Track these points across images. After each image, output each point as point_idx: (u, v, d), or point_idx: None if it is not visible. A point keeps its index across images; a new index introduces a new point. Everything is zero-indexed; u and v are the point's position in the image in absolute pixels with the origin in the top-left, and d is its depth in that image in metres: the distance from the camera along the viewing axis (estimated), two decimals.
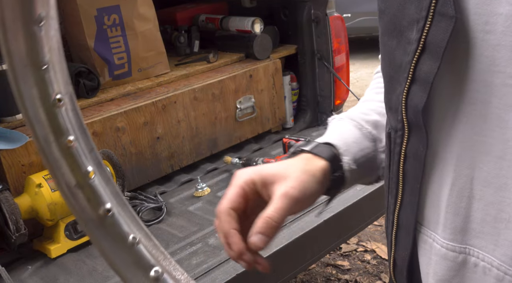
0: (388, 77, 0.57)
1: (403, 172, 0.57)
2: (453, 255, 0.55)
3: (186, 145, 1.89)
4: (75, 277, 1.38)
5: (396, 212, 0.60)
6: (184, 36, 2.22)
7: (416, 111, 0.51)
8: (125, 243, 0.33)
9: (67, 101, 0.30)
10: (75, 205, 0.33)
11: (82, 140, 0.31)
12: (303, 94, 2.32)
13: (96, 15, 1.83)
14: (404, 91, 0.52)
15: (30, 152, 1.51)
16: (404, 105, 0.53)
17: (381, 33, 0.57)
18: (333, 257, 2.53)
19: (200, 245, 1.46)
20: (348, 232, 1.73)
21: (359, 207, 1.67)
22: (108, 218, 0.33)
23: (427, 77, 0.49)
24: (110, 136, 1.68)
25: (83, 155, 0.31)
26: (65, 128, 0.30)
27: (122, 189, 1.58)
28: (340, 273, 2.42)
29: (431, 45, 0.48)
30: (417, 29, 0.50)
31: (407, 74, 0.51)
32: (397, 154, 0.56)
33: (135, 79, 1.95)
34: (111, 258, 0.33)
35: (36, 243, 1.51)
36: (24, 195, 1.44)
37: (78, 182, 0.32)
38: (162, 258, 0.35)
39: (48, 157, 0.31)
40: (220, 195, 1.74)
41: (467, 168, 0.51)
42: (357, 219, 1.73)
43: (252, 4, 2.31)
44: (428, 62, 0.49)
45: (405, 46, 0.52)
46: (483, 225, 0.52)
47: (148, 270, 0.34)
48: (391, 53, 0.54)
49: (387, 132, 0.58)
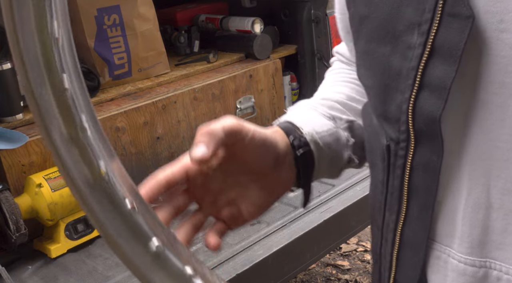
0: (382, 86, 0.52)
1: (408, 186, 0.52)
2: (472, 270, 0.51)
3: (186, 145, 1.89)
4: (75, 277, 1.38)
5: (398, 229, 0.55)
6: (184, 36, 2.22)
7: (430, 120, 0.48)
8: (122, 210, 0.29)
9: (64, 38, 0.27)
10: (69, 162, 0.29)
11: (76, 85, 0.28)
12: (303, 94, 2.32)
13: (96, 15, 1.83)
14: (411, 100, 0.48)
15: (30, 152, 1.51)
16: (411, 114, 0.49)
17: (366, 40, 0.53)
18: (333, 257, 2.53)
19: (200, 245, 1.46)
20: (348, 232, 1.73)
21: (359, 207, 1.67)
22: (103, 180, 0.29)
23: (442, 82, 0.46)
24: (110, 136, 1.68)
25: (77, 104, 0.28)
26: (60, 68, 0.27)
27: None
28: (340, 273, 2.42)
29: (443, 49, 0.46)
30: (419, 33, 0.47)
31: (413, 81, 0.48)
32: (400, 167, 0.52)
33: (135, 79, 1.95)
34: (106, 228, 0.30)
35: (36, 243, 1.51)
36: (24, 195, 1.44)
37: (71, 135, 0.28)
38: (161, 230, 0.31)
39: (40, 104, 0.27)
40: None
41: (483, 176, 0.48)
42: (357, 219, 1.73)
43: (252, 4, 2.31)
44: (440, 66, 0.46)
45: (405, 51, 0.48)
46: (504, 236, 0.49)
47: (147, 242, 0.30)
48: (384, 61, 0.51)
49: (386, 145, 0.54)
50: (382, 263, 0.60)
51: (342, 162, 0.65)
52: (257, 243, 1.44)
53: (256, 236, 1.47)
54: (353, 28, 0.57)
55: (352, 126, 0.66)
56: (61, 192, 1.43)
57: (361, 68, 0.57)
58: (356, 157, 0.65)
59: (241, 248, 1.42)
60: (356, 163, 0.65)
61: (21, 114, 1.62)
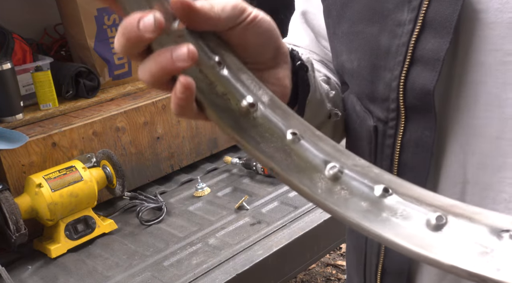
0: (369, 67, 0.53)
1: (398, 165, 0.53)
2: None
3: (186, 144, 1.89)
4: (75, 277, 1.38)
5: None
6: None
7: (424, 93, 0.48)
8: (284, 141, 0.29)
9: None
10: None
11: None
12: None
13: (96, 15, 1.83)
14: (402, 76, 0.49)
15: (30, 152, 1.51)
16: (402, 90, 0.49)
17: (351, 23, 0.53)
18: (333, 257, 2.53)
19: (200, 245, 1.46)
20: None
21: None
22: (254, 114, 0.29)
23: (436, 54, 0.47)
24: (110, 136, 1.68)
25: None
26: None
27: (122, 189, 1.58)
28: (340, 273, 2.42)
29: (435, 22, 0.47)
30: (410, 9, 0.48)
31: (403, 57, 0.48)
32: (389, 146, 0.52)
33: (135, 79, 1.95)
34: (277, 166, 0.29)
35: (36, 243, 1.51)
36: (24, 195, 1.44)
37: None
38: (334, 150, 0.31)
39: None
40: (220, 195, 1.74)
41: (461, 152, 0.49)
42: None
43: (252, 4, 2.31)
44: (432, 40, 0.47)
45: (394, 29, 0.49)
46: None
47: (321, 167, 0.29)
48: (372, 40, 0.51)
49: (373, 126, 0.53)
50: (367, 251, 0.60)
51: (325, 112, 0.59)
52: (257, 243, 1.44)
53: (256, 236, 1.47)
54: (332, 15, 0.57)
55: (329, 82, 0.63)
56: (61, 192, 1.43)
57: (343, 53, 0.56)
58: (337, 110, 0.60)
59: (241, 248, 1.42)
60: (338, 117, 0.60)
61: (21, 114, 1.62)
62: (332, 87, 0.62)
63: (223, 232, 1.51)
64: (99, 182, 1.54)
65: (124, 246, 1.50)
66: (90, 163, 1.56)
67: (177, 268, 1.37)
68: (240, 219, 1.57)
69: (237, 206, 1.62)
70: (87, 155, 1.58)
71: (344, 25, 0.55)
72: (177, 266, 1.38)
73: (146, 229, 1.58)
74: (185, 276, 1.32)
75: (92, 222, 1.52)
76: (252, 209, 1.62)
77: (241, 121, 0.34)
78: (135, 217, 1.62)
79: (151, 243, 1.50)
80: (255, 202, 1.65)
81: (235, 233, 1.50)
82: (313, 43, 0.68)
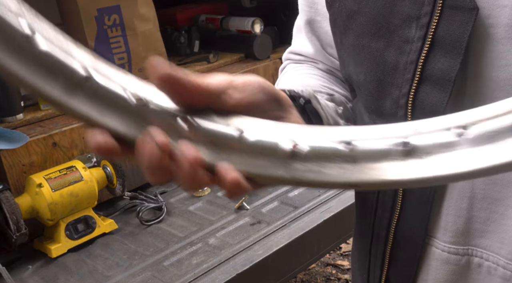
0: (375, 82, 0.52)
1: None
2: (456, 259, 0.52)
3: None
4: (75, 277, 1.38)
5: (392, 226, 0.55)
6: (184, 37, 2.22)
7: (434, 112, 0.47)
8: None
9: None
10: None
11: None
12: None
13: (97, 15, 1.83)
14: (411, 93, 0.48)
15: (30, 152, 1.51)
16: (411, 108, 0.49)
17: (357, 36, 0.53)
18: (333, 257, 2.53)
19: (200, 245, 1.47)
20: (348, 232, 1.73)
21: None
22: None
23: (446, 75, 0.46)
24: None
25: None
26: None
27: (123, 189, 1.58)
28: (340, 273, 2.42)
29: (444, 41, 0.46)
30: (418, 26, 0.47)
31: (412, 75, 0.48)
32: None
33: None
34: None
35: (37, 242, 1.51)
36: (25, 195, 1.44)
37: None
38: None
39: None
40: (220, 195, 1.74)
41: None
42: None
43: (252, 4, 2.31)
44: (442, 59, 0.46)
45: (401, 45, 0.49)
46: (487, 224, 0.50)
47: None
48: (378, 56, 0.51)
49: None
50: (371, 262, 0.59)
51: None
52: (257, 243, 1.44)
53: (256, 236, 1.47)
54: (338, 25, 0.56)
55: (334, 98, 0.62)
56: (61, 192, 1.43)
57: (350, 64, 0.56)
58: (350, 124, 0.60)
59: (241, 248, 1.42)
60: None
61: (22, 114, 1.62)
62: (338, 103, 0.61)
63: (223, 232, 1.51)
64: (99, 181, 1.55)
65: (125, 246, 1.50)
66: (90, 163, 1.57)
67: (177, 267, 1.37)
68: (240, 219, 1.57)
69: (237, 205, 1.62)
70: (88, 154, 1.58)
71: (350, 37, 0.54)
72: (177, 266, 1.38)
73: (146, 229, 1.58)
74: (185, 275, 1.33)
75: (92, 221, 1.52)
76: (252, 209, 1.62)
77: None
78: (135, 217, 1.62)
79: (151, 243, 1.50)
80: (255, 201, 1.66)
81: (235, 233, 1.50)
82: (319, 52, 0.68)
